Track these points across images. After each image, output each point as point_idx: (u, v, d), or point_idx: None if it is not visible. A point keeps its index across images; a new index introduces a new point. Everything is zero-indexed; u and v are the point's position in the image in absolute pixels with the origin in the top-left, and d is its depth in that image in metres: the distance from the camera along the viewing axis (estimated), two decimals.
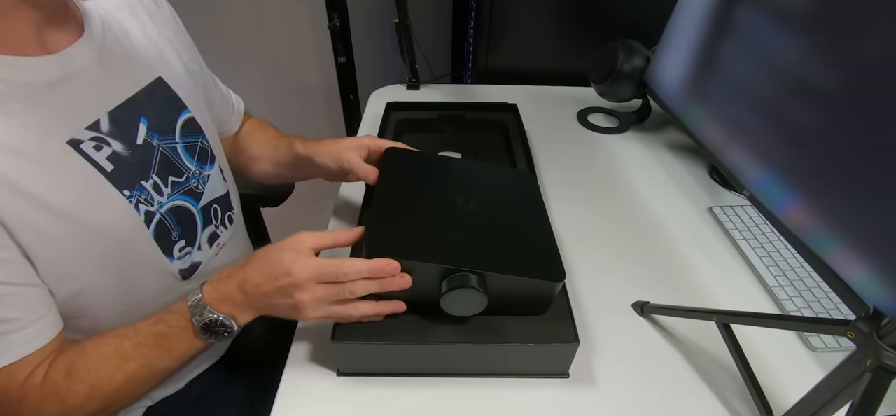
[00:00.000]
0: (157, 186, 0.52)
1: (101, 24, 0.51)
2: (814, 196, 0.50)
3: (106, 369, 0.46)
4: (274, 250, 0.47)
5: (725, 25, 0.68)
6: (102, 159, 0.47)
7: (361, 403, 0.49)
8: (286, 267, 0.45)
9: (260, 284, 0.46)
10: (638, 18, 1.08)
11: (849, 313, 0.59)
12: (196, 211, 0.58)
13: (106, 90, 0.49)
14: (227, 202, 0.64)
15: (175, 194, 0.54)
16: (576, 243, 0.69)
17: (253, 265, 0.47)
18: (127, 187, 0.48)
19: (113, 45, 0.51)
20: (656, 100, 0.87)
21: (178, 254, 0.55)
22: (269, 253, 0.47)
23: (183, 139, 0.56)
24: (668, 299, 0.58)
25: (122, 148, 0.49)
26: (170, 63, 0.57)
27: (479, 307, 0.47)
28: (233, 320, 0.47)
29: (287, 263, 0.45)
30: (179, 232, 0.55)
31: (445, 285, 0.46)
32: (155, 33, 0.57)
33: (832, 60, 0.49)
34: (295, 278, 0.44)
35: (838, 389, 0.38)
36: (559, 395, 0.50)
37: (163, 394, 0.62)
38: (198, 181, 0.58)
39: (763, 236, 0.71)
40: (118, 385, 0.46)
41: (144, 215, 0.50)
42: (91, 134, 0.46)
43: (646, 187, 0.82)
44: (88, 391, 0.45)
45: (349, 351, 0.49)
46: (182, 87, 0.57)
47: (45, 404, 0.44)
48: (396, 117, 0.86)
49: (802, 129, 0.52)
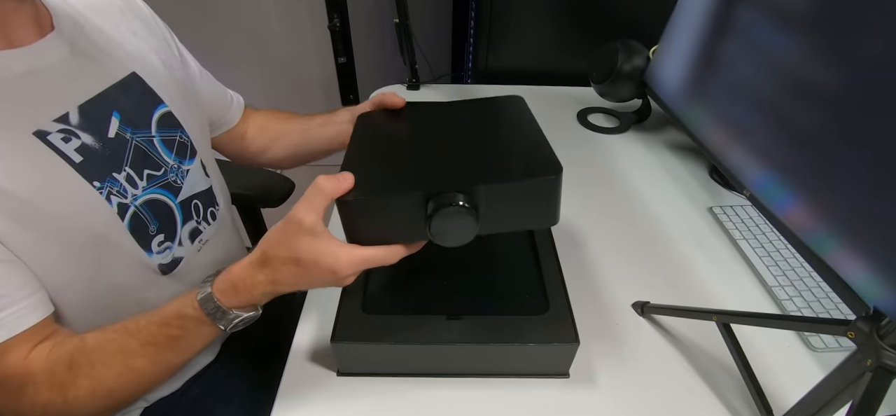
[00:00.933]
0: (130, 178, 0.52)
1: (71, 21, 0.51)
2: (814, 196, 0.50)
3: (111, 366, 0.45)
4: (302, 249, 0.43)
5: (725, 25, 0.68)
6: (71, 151, 0.46)
7: (361, 403, 0.49)
8: (328, 266, 0.43)
9: (298, 276, 0.44)
10: (638, 18, 1.08)
11: (849, 313, 0.59)
12: (174, 205, 0.57)
13: (75, 84, 0.49)
14: (209, 198, 0.63)
15: (151, 187, 0.54)
16: (576, 243, 0.69)
17: (282, 264, 0.44)
18: (97, 179, 0.48)
19: (83, 41, 0.51)
20: (656, 100, 0.87)
21: (157, 248, 0.55)
22: (298, 251, 0.43)
23: (160, 133, 0.56)
24: (668, 299, 0.58)
25: (92, 141, 0.48)
26: (145, 59, 0.57)
27: (471, 231, 0.43)
28: (255, 312, 0.47)
29: (328, 261, 0.42)
30: (157, 226, 0.54)
31: (431, 206, 0.42)
32: (128, 30, 0.57)
33: (832, 60, 0.49)
34: (338, 269, 0.43)
35: (838, 389, 0.38)
36: (559, 395, 0.50)
37: (159, 395, 0.62)
38: (176, 175, 0.57)
39: (763, 236, 0.71)
40: (124, 383, 0.46)
41: (117, 206, 0.50)
42: (59, 126, 0.46)
43: (646, 187, 0.82)
44: (91, 386, 0.45)
45: (349, 351, 0.49)
46: (158, 81, 0.57)
47: (46, 393, 0.44)
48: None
49: (803, 129, 0.52)
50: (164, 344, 0.47)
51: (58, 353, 0.44)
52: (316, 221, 0.42)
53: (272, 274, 0.44)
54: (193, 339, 0.47)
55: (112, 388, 0.46)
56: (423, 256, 0.60)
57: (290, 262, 0.43)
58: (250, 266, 0.45)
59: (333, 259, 0.42)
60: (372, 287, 0.54)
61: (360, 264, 0.43)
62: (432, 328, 0.49)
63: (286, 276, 0.44)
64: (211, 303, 0.45)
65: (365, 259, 0.43)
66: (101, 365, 0.45)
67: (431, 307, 0.52)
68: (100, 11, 0.55)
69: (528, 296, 0.54)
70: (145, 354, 0.46)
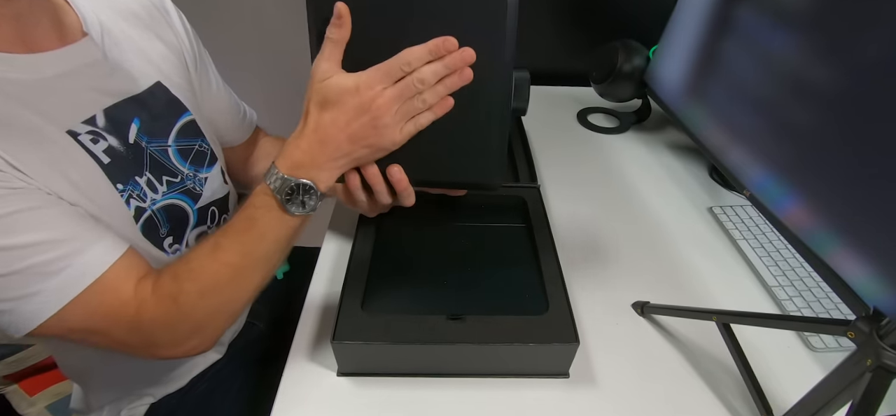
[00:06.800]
0: (151, 183, 0.52)
1: (100, 28, 0.51)
2: (814, 196, 0.50)
3: (208, 265, 0.46)
4: (325, 88, 0.43)
5: (726, 25, 0.68)
6: (100, 152, 0.48)
7: (361, 403, 0.49)
8: (350, 87, 0.42)
9: (335, 119, 0.43)
10: (638, 18, 1.08)
11: (849, 313, 0.59)
12: (191, 211, 0.58)
13: (103, 89, 0.50)
14: (225, 204, 0.64)
15: (171, 193, 0.55)
16: (576, 242, 0.69)
17: (318, 110, 0.44)
18: (121, 181, 0.49)
19: (112, 48, 0.52)
20: (656, 100, 0.87)
21: (169, 249, 0.56)
22: (324, 92, 0.43)
23: (177, 142, 0.56)
24: (668, 299, 0.58)
25: (117, 144, 0.50)
26: (171, 66, 0.58)
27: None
28: (314, 184, 0.45)
29: (349, 84, 0.42)
30: (167, 229, 0.55)
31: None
32: (157, 37, 0.57)
33: (832, 60, 0.49)
34: (363, 91, 0.42)
35: (838, 389, 0.38)
36: (559, 395, 0.50)
37: (166, 391, 0.62)
38: (194, 183, 0.58)
39: (763, 236, 0.71)
40: (224, 278, 0.46)
41: (134, 210, 0.50)
42: (87, 128, 0.47)
43: (646, 187, 0.82)
44: (198, 287, 0.46)
45: (349, 351, 0.49)
46: (183, 91, 0.58)
47: (161, 308, 0.45)
48: None
49: (803, 129, 0.52)
50: (243, 230, 0.47)
51: (163, 276, 0.46)
52: (331, 66, 0.43)
53: (313, 123, 0.44)
54: (266, 221, 0.46)
55: (216, 284, 0.46)
56: (424, 256, 0.61)
57: (320, 105, 0.43)
58: (296, 130, 0.45)
59: (352, 80, 0.42)
60: (372, 287, 0.54)
61: (379, 73, 0.42)
62: (432, 328, 0.49)
63: (326, 123, 0.43)
64: (271, 173, 0.45)
65: (384, 70, 0.42)
66: (199, 268, 0.46)
67: (431, 307, 0.52)
68: (130, 17, 0.56)
69: (528, 296, 0.54)
70: (232, 246, 0.46)
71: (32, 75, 0.44)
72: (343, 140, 0.44)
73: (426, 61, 0.42)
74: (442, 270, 0.58)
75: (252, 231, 0.46)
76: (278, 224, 0.46)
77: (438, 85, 0.43)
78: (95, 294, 0.43)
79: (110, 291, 0.44)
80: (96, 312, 0.44)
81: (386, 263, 0.58)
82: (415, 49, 0.42)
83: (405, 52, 0.42)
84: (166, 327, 0.46)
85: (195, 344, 0.49)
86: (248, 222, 0.46)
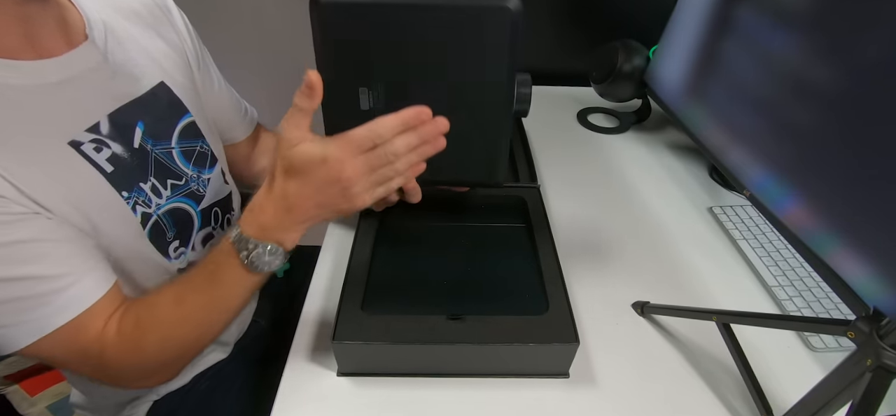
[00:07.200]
0: (155, 188, 0.52)
1: (103, 29, 0.51)
2: (814, 196, 0.50)
3: (171, 314, 0.47)
4: (292, 156, 0.42)
5: (726, 25, 0.68)
6: (102, 161, 0.47)
7: (361, 403, 0.49)
8: (317, 158, 0.41)
9: (301, 189, 0.43)
10: (638, 18, 1.08)
11: (849, 313, 0.59)
12: (195, 213, 0.58)
13: (106, 94, 0.49)
14: (228, 204, 0.64)
15: (175, 196, 0.55)
16: (576, 243, 0.69)
17: (284, 178, 0.43)
18: (126, 189, 0.49)
19: (116, 49, 0.51)
20: (656, 100, 0.87)
21: (174, 254, 0.56)
22: (290, 160, 0.42)
23: (180, 144, 0.56)
24: (668, 299, 0.58)
25: (121, 150, 0.49)
26: (173, 66, 0.57)
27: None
28: (280, 245, 0.45)
29: (317, 155, 0.41)
30: (174, 233, 0.55)
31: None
32: (159, 36, 0.57)
33: (832, 61, 0.49)
34: (332, 164, 0.41)
35: (838, 389, 0.38)
36: (559, 395, 0.50)
37: (169, 389, 0.63)
38: (198, 184, 0.58)
39: (763, 236, 0.71)
40: (186, 328, 0.47)
41: (141, 216, 0.50)
42: (91, 136, 0.47)
43: (646, 187, 0.82)
44: (160, 336, 0.46)
45: (349, 351, 0.49)
46: (185, 92, 0.58)
47: (124, 355, 0.46)
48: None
49: (803, 129, 0.52)
50: (207, 284, 0.47)
51: (126, 318, 0.46)
52: (300, 133, 0.42)
53: (279, 190, 0.43)
54: (231, 277, 0.46)
55: (177, 334, 0.47)
56: (424, 256, 0.61)
57: (286, 172, 0.43)
58: (262, 189, 0.45)
59: (320, 150, 0.41)
60: (372, 287, 0.54)
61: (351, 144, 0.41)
62: (432, 328, 0.49)
63: (292, 190, 0.43)
64: (234, 231, 0.45)
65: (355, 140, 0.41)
66: (162, 315, 0.47)
67: (431, 307, 0.52)
68: (132, 16, 0.55)
69: (528, 296, 0.54)
70: (196, 299, 0.47)
71: (36, 81, 0.44)
72: (310, 207, 0.44)
73: (398, 132, 0.41)
74: (442, 270, 0.58)
75: (216, 287, 0.47)
76: (243, 279, 0.47)
77: (411, 154, 0.43)
78: (69, 331, 0.43)
79: (83, 329, 0.44)
80: (67, 347, 0.44)
81: (386, 263, 0.58)
82: (387, 120, 0.41)
83: (377, 123, 0.41)
84: (130, 368, 0.47)
85: (161, 378, 0.51)
86: (212, 277, 0.47)
